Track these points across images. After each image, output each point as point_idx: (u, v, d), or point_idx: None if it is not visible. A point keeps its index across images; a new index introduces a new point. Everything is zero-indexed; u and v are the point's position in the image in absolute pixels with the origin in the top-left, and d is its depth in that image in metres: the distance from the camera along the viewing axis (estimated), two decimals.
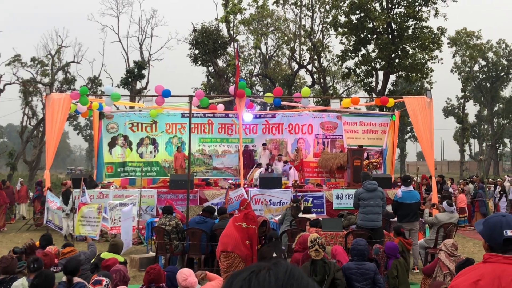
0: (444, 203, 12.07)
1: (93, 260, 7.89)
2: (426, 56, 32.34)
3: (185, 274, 5.75)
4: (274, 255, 7.74)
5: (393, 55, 32.02)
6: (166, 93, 16.35)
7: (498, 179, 25.36)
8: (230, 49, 36.80)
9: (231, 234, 8.20)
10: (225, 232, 8.36)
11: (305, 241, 7.31)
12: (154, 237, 10.79)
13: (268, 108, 32.79)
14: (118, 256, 8.02)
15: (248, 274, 1.35)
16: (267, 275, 1.34)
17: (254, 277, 1.34)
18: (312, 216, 11.56)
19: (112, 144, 20.14)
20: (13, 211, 21.24)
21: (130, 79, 38.00)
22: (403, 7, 32.26)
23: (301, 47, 40.30)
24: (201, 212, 10.96)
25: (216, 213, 10.98)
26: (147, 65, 40.91)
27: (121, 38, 42.51)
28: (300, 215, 11.74)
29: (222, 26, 36.12)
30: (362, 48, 33.82)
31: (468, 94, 54.62)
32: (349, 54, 34.28)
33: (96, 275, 6.06)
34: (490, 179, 26.75)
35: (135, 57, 42.65)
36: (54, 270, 6.80)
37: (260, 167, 18.58)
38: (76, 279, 6.06)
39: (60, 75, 43.23)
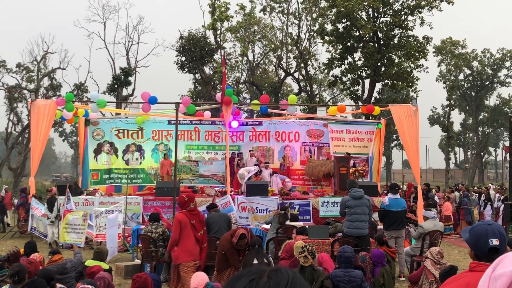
0: (423, 210, 12.17)
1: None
2: (412, 65, 32.60)
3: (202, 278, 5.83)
4: (256, 262, 7.72)
5: (379, 64, 32.23)
6: (153, 100, 16.29)
7: (483, 187, 25.55)
8: (217, 56, 36.87)
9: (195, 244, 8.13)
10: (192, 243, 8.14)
11: (292, 249, 7.31)
12: (140, 245, 10.72)
13: (254, 115, 32.82)
14: (103, 263, 7.95)
15: (248, 282, 1.32)
16: (268, 284, 1.31)
17: (255, 285, 1.31)
18: (299, 224, 11.54)
19: (97, 151, 20.01)
20: None
21: (116, 86, 37.88)
22: (389, 16, 32.50)
23: (288, 55, 40.50)
24: None
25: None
26: (134, 72, 40.81)
27: (107, 45, 42.43)
28: (288, 223, 11.72)
29: (209, 34, 36.20)
30: (348, 56, 34.01)
31: (453, 102, 55.08)
32: (336, 62, 34.46)
33: (81, 283, 6.01)
34: (475, 187, 26.94)
35: (122, 64, 42.52)
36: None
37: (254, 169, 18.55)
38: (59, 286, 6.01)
39: (45, 81, 43.10)
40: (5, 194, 21.71)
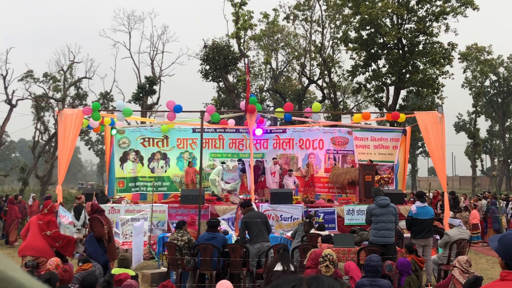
0: (449, 218, 12.04)
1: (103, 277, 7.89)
2: (437, 71, 32.33)
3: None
4: (280, 268, 7.71)
5: (403, 70, 32.02)
6: (178, 109, 16.40)
7: (511, 195, 25.14)
8: (240, 65, 36.99)
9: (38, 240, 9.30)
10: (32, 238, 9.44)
11: (317, 257, 7.28)
12: (166, 252, 10.78)
13: (278, 123, 32.81)
14: (129, 270, 8.03)
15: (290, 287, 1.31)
16: None
17: None
18: (325, 233, 11.50)
19: (123, 159, 20.21)
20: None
21: (141, 95, 38.22)
22: (414, 23, 32.31)
23: (311, 62, 40.44)
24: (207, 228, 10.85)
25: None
26: (158, 80, 41.14)
27: (132, 54, 42.88)
28: (313, 231, 11.68)
29: (233, 42, 36.38)
30: (372, 63, 33.88)
31: (479, 109, 54.41)
32: (360, 69, 34.35)
33: None
34: (502, 195, 26.52)
35: (147, 73, 42.96)
36: (72, 286, 6.81)
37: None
38: None
39: (72, 91, 43.66)
40: (32, 202, 21.99)
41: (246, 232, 10.29)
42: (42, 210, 10.10)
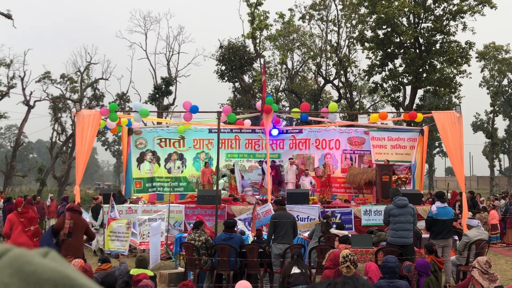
0: (467, 219, 11.93)
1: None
2: (454, 71, 32.03)
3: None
4: (296, 270, 7.69)
5: (420, 70, 31.78)
6: (194, 109, 16.44)
7: None
8: (256, 65, 36.99)
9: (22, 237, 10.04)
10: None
11: (336, 258, 7.25)
12: (183, 253, 10.80)
13: (294, 123, 32.75)
14: (147, 271, 8.05)
15: (326, 286, 1.34)
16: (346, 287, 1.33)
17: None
18: (344, 232, 11.46)
19: (140, 160, 20.32)
20: (44, 226, 21.49)
21: (157, 95, 38.37)
22: (431, 22, 32.06)
23: (327, 62, 40.28)
24: (223, 229, 10.84)
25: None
26: (174, 81, 41.28)
27: (148, 55, 43.07)
28: (333, 231, 11.63)
29: (249, 42, 36.37)
30: (389, 62, 33.66)
31: (497, 108, 53.84)
32: (376, 69, 34.15)
33: None
34: None
35: (163, 74, 42.99)
36: None
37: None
38: None
39: (89, 92, 43.99)
40: (50, 202, 22.17)
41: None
42: (15, 208, 10.77)
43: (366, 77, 36.19)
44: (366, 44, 34.34)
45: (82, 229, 9.78)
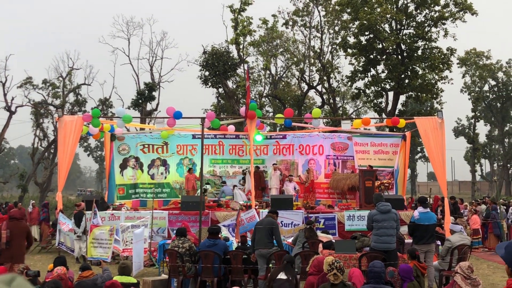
0: (450, 224, 12.01)
1: None
2: (436, 77, 32.34)
3: None
4: (284, 276, 7.69)
5: (402, 76, 32.04)
6: (178, 115, 16.40)
7: (511, 200, 25.10)
8: (240, 71, 37.01)
9: None
10: None
11: (320, 264, 7.26)
12: (167, 259, 10.74)
13: (278, 129, 32.80)
14: (130, 278, 7.99)
15: None
16: None
17: None
18: (329, 237, 11.49)
19: (123, 166, 20.20)
20: None
21: (140, 101, 38.18)
22: (412, 28, 32.35)
23: (311, 68, 40.43)
24: (207, 235, 10.83)
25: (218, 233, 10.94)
26: (158, 86, 41.13)
27: (131, 60, 42.82)
28: (320, 235, 11.67)
29: (232, 48, 36.39)
30: (371, 68, 33.89)
31: (478, 114, 54.43)
32: (359, 75, 34.36)
33: None
34: (501, 200, 26.46)
35: (146, 79, 42.87)
36: None
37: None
38: None
39: (71, 97, 43.68)
40: (32, 209, 21.95)
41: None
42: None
43: (349, 83, 36.41)
44: (349, 50, 34.57)
45: (23, 235, 9.98)
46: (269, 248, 10.33)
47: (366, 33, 32.49)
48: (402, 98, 34.84)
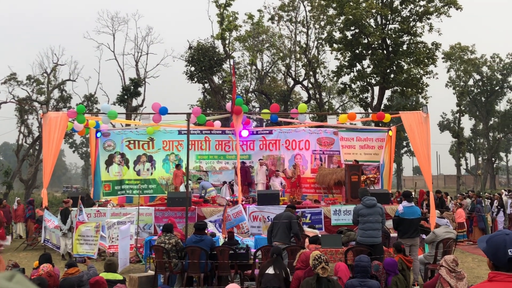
0: (436, 218, 12.09)
1: None
2: (421, 71, 32.52)
3: None
4: (272, 271, 7.71)
5: (388, 71, 32.18)
6: (163, 111, 16.34)
7: (496, 194, 25.33)
8: (226, 66, 37.00)
9: None
10: None
11: (307, 258, 7.28)
12: (153, 256, 10.72)
13: (264, 124, 32.81)
14: (116, 274, 7.97)
15: None
16: None
17: None
18: (315, 231, 11.53)
19: (109, 162, 20.09)
20: (10, 230, 21.10)
21: (126, 97, 38.03)
22: (398, 23, 32.50)
23: (297, 63, 40.50)
24: (194, 231, 10.81)
25: (205, 229, 10.90)
26: (143, 82, 40.97)
27: (116, 56, 42.62)
28: (307, 230, 11.71)
29: (218, 43, 36.38)
30: (357, 63, 34.00)
31: (463, 108, 54.85)
32: (344, 70, 34.46)
33: None
34: (486, 193, 26.71)
35: (131, 75, 42.71)
36: None
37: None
38: None
39: (56, 93, 43.37)
40: (17, 206, 21.79)
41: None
42: None
43: (335, 78, 36.52)
44: (335, 45, 34.64)
45: None
46: (287, 243, 10.39)
47: (352, 28, 32.58)
48: (388, 93, 35.04)
